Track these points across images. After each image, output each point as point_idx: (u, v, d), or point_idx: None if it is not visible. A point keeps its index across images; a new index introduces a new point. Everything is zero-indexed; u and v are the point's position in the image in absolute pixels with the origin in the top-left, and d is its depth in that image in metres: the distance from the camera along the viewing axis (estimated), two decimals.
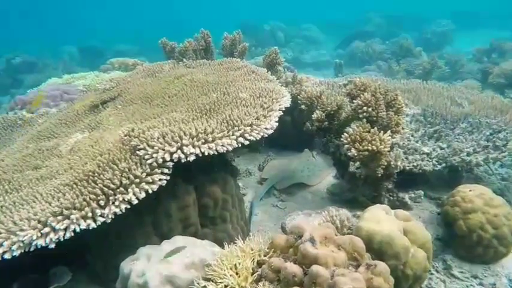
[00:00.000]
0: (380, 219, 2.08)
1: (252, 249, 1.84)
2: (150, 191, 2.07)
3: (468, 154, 3.11)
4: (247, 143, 2.30)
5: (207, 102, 2.77)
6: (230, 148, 2.22)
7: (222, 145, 2.19)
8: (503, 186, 3.70)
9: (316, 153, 4.02)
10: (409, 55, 9.26)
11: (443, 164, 3.06)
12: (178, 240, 2.08)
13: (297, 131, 4.39)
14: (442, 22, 13.40)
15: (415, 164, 2.96)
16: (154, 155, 2.11)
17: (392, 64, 9.01)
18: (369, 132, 2.53)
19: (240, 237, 2.63)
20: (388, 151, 2.48)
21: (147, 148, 2.15)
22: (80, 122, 3.40)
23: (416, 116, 3.77)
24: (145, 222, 2.35)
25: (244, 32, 4.75)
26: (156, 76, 4.04)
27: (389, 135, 2.45)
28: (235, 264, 1.75)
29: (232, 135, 2.27)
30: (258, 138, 2.36)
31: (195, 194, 2.42)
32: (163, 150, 2.13)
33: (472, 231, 2.63)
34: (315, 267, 1.52)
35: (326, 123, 3.00)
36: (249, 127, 2.35)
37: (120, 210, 1.97)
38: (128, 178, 2.04)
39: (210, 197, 2.47)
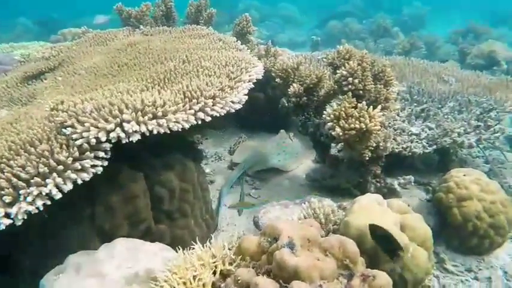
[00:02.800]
0: (372, 212, 1.70)
1: (213, 256, 1.40)
2: (80, 181, 1.58)
3: (459, 135, 2.80)
4: (208, 119, 1.83)
5: (161, 71, 2.27)
6: (186, 125, 1.75)
7: (176, 121, 1.72)
8: (488, 170, 3.46)
9: (293, 135, 3.61)
10: (386, 35, 8.97)
11: (434, 146, 2.74)
12: (119, 243, 1.61)
13: (271, 110, 3.97)
14: (418, 4, 13.23)
15: (404, 146, 2.61)
16: (85, 134, 1.60)
17: (370, 43, 8.69)
18: (355, 107, 2.12)
19: (201, 236, 2.22)
20: (378, 130, 2.09)
21: (76, 125, 1.64)
22: (9, 96, 2.79)
23: (401, 94, 3.43)
24: (82, 218, 1.85)
25: (217, 8, 4.20)
26: (107, 44, 3.45)
27: (380, 111, 2.06)
28: (189, 279, 1.31)
29: (190, 109, 1.79)
30: (222, 114, 1.90)
31: (144, 182, 1.95)
32: (97, 127, 1.62)
33: (468, 220, 2.35)
34: (295, 285, 1.11)
35: (304, 98, 2.58)
36: (211, 100, 1.88)
37: (37, 208, 1.47)
38: (48, 165, 1.53)
39: (164, 186, 2.01)
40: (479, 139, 2.72)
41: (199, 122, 1.81)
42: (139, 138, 1.67)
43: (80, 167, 1.57)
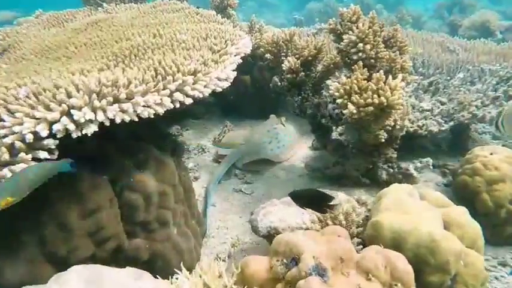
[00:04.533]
0: (408, 208, 1.32)
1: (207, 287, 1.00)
2: None
3: (477, 108, 2.47)
4: (189, 101, 1.41)
5: (126, 47, 1.82)
6: (160, 110, 1.32)
7: (146, 105, 1.28)
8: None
9: (285, 119, 3.21)
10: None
11: (451, 123, 2.39)
12: (75, 273, 1.19)
13: (259, 94, 3.57)
14: None
15: (419, 124, 2.25)
16: (17, 128, 1.15)
17: None
18: (368, 79, 1.74)
19: (188, 248, 1.82)
20: (401, 105, 1.71)
21: (4, 116, 1.18)
22: None
23: None
24: (26, 243, 1.41)
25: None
26: (64, 26, 2.95)
27: (402, 81, 1.68)
28: None
29: (164, 89, 1.36)
30: (206, 94, 1.48)
31: (111, 188, 1.51)
32: (35, 118, 1.17)
33: (500, 206, 2.03)
34: None
35: (302, 74, 2.17)
36: (191, 76, 1.45)
37: None
38: None
39: (138, 190, 1.57)
40: (502, 111, 2.39)
41: (178, 106, 1.38)
42: (97, 130, 1.23)
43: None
